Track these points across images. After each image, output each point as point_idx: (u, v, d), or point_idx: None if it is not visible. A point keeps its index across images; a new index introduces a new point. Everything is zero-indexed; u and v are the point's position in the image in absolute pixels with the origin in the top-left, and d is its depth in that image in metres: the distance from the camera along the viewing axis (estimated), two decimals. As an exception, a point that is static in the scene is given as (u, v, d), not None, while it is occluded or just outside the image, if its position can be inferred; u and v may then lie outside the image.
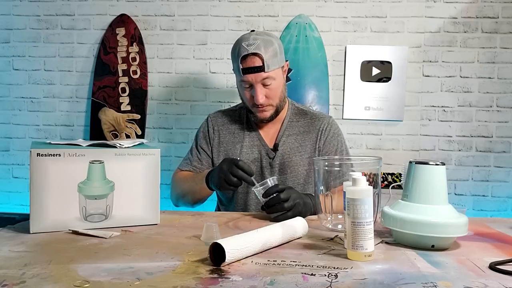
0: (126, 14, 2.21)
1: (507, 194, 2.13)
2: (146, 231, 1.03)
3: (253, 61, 1.35)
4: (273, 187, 1.15)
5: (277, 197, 1.13)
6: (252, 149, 1.48)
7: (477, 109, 2.13)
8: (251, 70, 1.35)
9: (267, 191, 1.14)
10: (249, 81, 1.37)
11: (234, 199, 1.49)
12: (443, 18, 2.12)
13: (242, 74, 1.37)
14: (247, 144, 1.48)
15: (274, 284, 0.69)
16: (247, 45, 1.35)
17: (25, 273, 0.72)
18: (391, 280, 0.72)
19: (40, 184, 0.97)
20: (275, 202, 1.13)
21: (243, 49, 1.35)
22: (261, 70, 1.35)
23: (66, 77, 2.27)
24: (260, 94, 1.37)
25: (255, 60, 1.35)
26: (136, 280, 0.70)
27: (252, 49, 1.35)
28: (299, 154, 1.47)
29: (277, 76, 1.40)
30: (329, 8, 2.16)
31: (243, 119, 1.53)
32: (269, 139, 1.50)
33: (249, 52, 1.35)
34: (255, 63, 1.35)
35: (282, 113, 1.51)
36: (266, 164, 1.47)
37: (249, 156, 1.47)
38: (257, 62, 1.35)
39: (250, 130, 1.51)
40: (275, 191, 1.14)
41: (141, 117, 2.20)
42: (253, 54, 1.35)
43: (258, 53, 1.35)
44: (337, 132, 1.52)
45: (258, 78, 1.36)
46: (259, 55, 1.35)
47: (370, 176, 1.01)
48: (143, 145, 1.16)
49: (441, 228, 0.90)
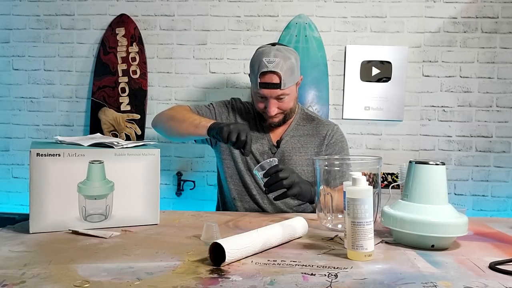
0: (126, 14, 2.21)
1: (507, 194, 2.13)
2: (146, 231, 1.03)
3: (271, 78, 1.40)
4: (273, 167, 1.19)
5: (276, 175, 1.17)
6: (258, 141, 1.53)
7: (477, 109, 2.13)
8: (268, 86, 1.41)
9: (267, 171, 1.18)
10: (265, 94, 1.43)
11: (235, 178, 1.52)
12: (443, 18, 2.12)
13: (259, 88, 1.41)
14: (255, 135, 1.53)
15: (274, 284, 0.69)
16: (267, 62, 1.40)
17: (25, 273, 0.72)
18: (391, 280, 0.72)
19: (40, 184, 0.97)
20: (274, 181, 1.18)
21: (263, 65, 1.40)
22: (278, 87, 1.40)
23: (66, 77, 2.26)
24: (273, 107, 1.43)
25: (273, 77, 1.40)
26: (136, 280, 0.70)
27: (271, 67, 1.39)
28: (300, 155, 1.51)
29: (291, 92, 1.46)
30: (329, 8, 2.16)
31: (256, 113, 1.58)
32: (275, 136, 1.55)
33: (269, 70, 1.39)
34: (273, 80, 1.40)
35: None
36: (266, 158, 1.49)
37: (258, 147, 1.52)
38: (275, 79, 1.40)
39: (260, 123, 1.56)
40: (275, 171, 1.18)
41: (141, 117, 2.20)
42: (272, 72, 1.39)
43: (277, 72, 1.39)
44: (340, 139, 1.55)
45: (274, 94, 1.42)
46: (277, 73, 1.39)
47: (370, 176, 1.01)
48: (143, 145, 1.16)
49: (441, 228, 0.90)
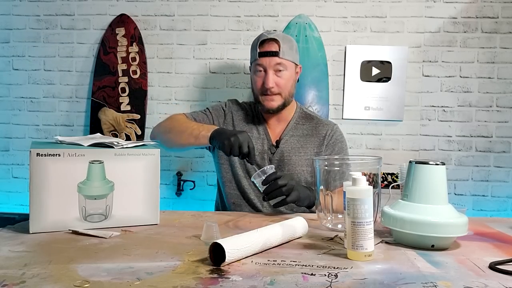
0: (126, 14, 2.21)
1: (507, 194, 2.13)
2: (146, 231, 1.03)
3: (270, 46, 1.45)
4: (272, 174, 1.19)
5: (275, 183, 1.17)
6: (257, 141, 1.52)
7: (477, 109, 2.13)
8: (267, 54, 1.44)
9: (266, 178, 1.18)
10: (263, 64, 1.45)
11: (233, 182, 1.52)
12: (443, 18, 2.12)
13: (258, 57, 1.45)
14: (254, 135, 1.52)
15: (274, 284, 0.69)
16: (267, 33, 1.48)
17: (25, 273, 0.72)
18: (391, 280, 0.72)
19: (40, 184, 0.97)
20: (273, 188, 1.17)
21: (263, 36, 1.47)
22: (276, 55, 1.44)
23: (66, 77, 2.26)
24: (271, 78, 1.44)
25: (272, 45, 1.45)
26: (136, 280, 0.70)
27: (271, 35, 1.46)
28: (299, 155, 1.50)
29: (289, 68, 1.48)
30: (329, 8, 2.16)
31: (254, 112, 1.58)
32: (274, 135, 1.54)
33: (268, 37, 1.45)
34: (271, 48, 1.45)
35: (289, 113, 1.56)
36: (266, 158, 1.51)
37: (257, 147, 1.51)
38: (274, 47, 1.44)
39: (259, 123, 1.56)
40: (273, 178, 1.18)
41: (141, 117, 2.20)
42: (271, 39, 1.45)
43: (276, 39, 1.45)
44: (340, 139, 1.55)
45: (272, 63, 1.44)
46: (276, 41, 1.45)
47: (370, 176, 1.01)
48: (143, 145, 1.16)
49: (441, 228, 0.90)
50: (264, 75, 1.46)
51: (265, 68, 1.45)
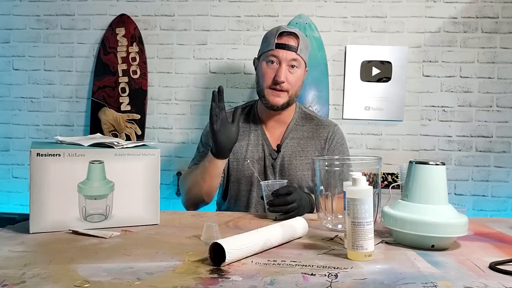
0: (126, 14, 2.21)
1: (507, 194, 2.13)
2: (146, 231, 1.03)
3: (289, 39, 1.42)
4: (285, 187, 1.19)
5: (285, 199, 1.16)
6: (257, 147, 1.48)
7: (477, 109, 2.13)
8: (284, 46, 1.40)
9: (278, 190, 1.17)
10: (278, 56, 1.41)
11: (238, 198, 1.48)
12: (443, 18, 2.12)
13: (275, 48, 1.40)
14: (252, 142, 1.48)
15: (274, 284, 0.69)
16: (287, 27, 1.45)
17: (25, 273, 0.72)
18: (391, 280, 0.72)
19: (40, 184, 0.97)
20: (282, 203, 1.16)
21: (283, 29, 1.43)
22: (294, 50, 1.41)
23: (66, 77, 2.26)
24: (284, 72, 1.40)
25: (291, 39, 1.42)
26: (136, 280, 0.70)
27: (292, 29, 1.43)
28: (300, 158, 1.47)
29: (301, 67, 1.45)
30: (329, 8, 2.16)
31: (250, 117, 1.53)
32: (274, 140, 1.50)
33: (288, 30, 1.42)
34: (290, 42, 1.41)
35: (289, 114, 1.51)
36: (268, 164, 1.47)
37: (254, 155, 1.47)
38: (293, 41, 1.41)
39: (256, 128, 1.50)
40: (285, 193, 1.17)
41: (141, 117, 2.20)
42: (291, 33, 1.42)
43: (296, 34, 1.42)
44: (341, 142, 1.53)
45: (289, 57, 1.41)
46: (296, 36, 1.42)
47: (370, 176, 1.01)
48: (144, 145, 1.16)
49: (441, 228, 0.90)
50: (277, 68, 1.40)
51: (280, 60, 1.40)
